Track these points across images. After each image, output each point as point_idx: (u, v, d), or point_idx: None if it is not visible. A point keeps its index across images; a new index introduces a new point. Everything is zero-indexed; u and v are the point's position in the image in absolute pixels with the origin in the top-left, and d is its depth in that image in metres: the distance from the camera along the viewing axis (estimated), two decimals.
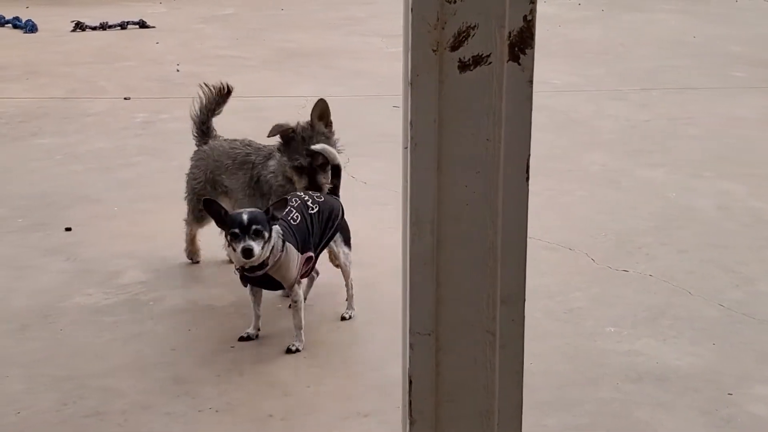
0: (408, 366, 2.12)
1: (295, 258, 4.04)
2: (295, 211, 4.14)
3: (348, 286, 4.41)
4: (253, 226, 3.86)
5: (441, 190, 2.02)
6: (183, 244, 4.96)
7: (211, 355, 4.11)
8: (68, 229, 5.39)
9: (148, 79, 8.87)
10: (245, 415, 3.65)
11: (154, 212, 5.65)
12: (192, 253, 4.95)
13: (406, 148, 2.04)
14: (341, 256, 4.38)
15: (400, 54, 1.96)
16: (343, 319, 4.38)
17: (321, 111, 4.46)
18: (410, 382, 2.11)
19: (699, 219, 5.62)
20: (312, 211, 4.17)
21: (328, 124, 4.49)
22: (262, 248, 3.88)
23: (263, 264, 3.95)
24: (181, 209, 4.95)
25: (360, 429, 3.58)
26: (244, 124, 7.29)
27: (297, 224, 4.10)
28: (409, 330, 2.09)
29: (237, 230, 3.87)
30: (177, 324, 4.36)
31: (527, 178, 2.01)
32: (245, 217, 3.89)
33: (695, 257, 5.09)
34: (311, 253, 4.16)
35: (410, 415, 2.13)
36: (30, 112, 7.75)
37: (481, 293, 2.08)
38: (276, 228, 3.97)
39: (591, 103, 8.16)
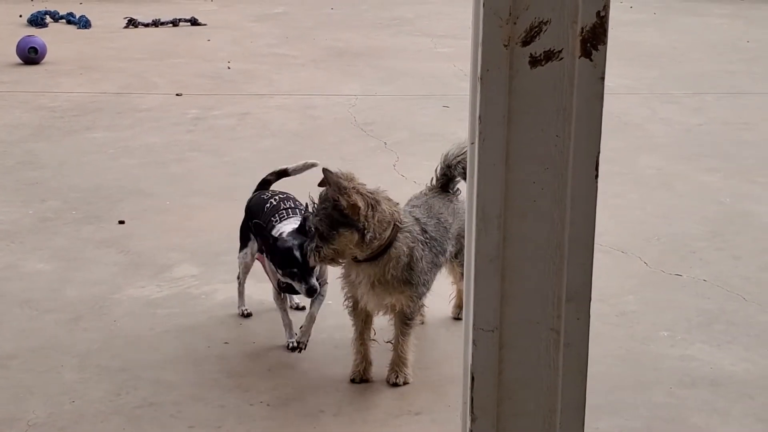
0: (470, 362, 2.11)
1: None
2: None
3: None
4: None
5: (508, 186, 2.00)
6: (234, 236, 4.53)
7: (263, 350, 4.12)
8: (121, 222, 5.44)
9: (199, 75, 8.93)
10: (297, 410, 3.66)
11: (206, 207, 5.68)
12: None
13: (473, 143, 2.03)
14: None
15: (449, 54, 1.96)
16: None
17: None
18: (473, 379, 2.09)
19: (755, 225, 5.55)
20: None
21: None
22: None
23: None
24: (233, 203, 4.89)
25: (411, 427, 3.57)
26: (294, 121, 7.33)
27: None
28: (473, 326, 2.08)
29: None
30: (228, 318, 4.38)
31: (596, 176, 1.99)
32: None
33: (750, 263, 5.01)
34: None
35: (472, 411, 2.11)
36: (83, 106, 7.83)
37: (547, 291, 2.06)
38: None
39: (644, 106, 8.08)
